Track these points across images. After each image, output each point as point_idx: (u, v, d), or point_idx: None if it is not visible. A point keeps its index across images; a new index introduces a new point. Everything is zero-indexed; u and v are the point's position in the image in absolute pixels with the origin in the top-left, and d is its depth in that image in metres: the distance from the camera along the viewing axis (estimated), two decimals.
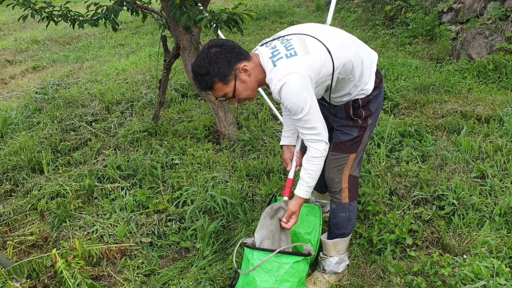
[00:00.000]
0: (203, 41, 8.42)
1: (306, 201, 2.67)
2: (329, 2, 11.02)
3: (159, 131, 4.46)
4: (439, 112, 4.44)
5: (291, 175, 2.43)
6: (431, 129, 4.12)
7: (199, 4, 3.61)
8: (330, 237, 2.51)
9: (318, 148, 2.12)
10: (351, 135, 2.31)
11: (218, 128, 4.33)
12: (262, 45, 2.18)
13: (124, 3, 3.94)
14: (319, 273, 2.52)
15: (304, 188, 2.21)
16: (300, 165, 2.42)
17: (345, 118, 2.30)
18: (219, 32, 4.17)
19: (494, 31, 6.05)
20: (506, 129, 3.82)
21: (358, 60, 2.17)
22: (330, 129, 2.39)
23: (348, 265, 2.54)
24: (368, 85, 2.25)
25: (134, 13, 4.08)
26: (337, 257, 2.47)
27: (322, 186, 2.83)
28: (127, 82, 6.25)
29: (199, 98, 5.55)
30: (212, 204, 3.15)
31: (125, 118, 5.02)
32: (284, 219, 2.26)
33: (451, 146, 3.73)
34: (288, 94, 1.99)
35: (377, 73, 2.30)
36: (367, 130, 2.35)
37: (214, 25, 3.25)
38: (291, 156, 2.47)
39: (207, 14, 3.41)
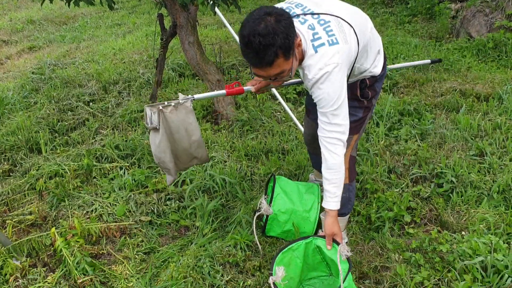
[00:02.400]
0: (199, 19, 8.30)
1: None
2: None
3: None
4: (438, 90, 4.42)
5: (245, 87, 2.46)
6: (430, 108, 4.10)
7: None
8: None
9: (337, 152, 1.99)
10: (356, 116, 2.28)
11: (216, 108, 4.31)
12: (293, 16, 1.93)
13: None
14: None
15: (332, 199, 2.08)
16: (257, 90, 2.41)
17: (351, 99, 2.22)
18: (216, 9, 4.12)
19: (494, 9, 5.99)
20: (505, 107, 3.81)
21: (372, 44, 2.13)
22: None
23: (347, 242, 2.55)
24: (377, 68, 2.22)
25: None
26: None
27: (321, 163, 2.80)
28: (124, 62, 6.19)
29: (197, 78, 5.51)
30: (211, 184, 3.15)
31: (123, 98, 4.98)
32: (328, 246, 2.15)
33: (450, 124, 3.72)
34: (327, 85, 1.87)
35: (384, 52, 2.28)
36: (371, 110, 2.34)
37: (212, 2, 3.21)
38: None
39: None
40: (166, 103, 2.27)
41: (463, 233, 2.55)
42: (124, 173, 3.41)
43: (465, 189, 2.90)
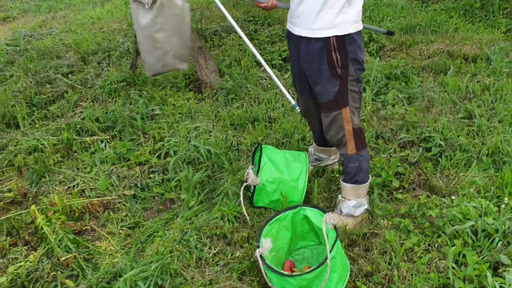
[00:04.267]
0: None
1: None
2: None
3: (137, 81, 4.30)
4: (425, 53, 4.34)
5: None
6: (417, 71, 4.03)
7: None
8: (347, 181, 2.41)
9: None
10: (332, 91, 2.20)
11: (199, 76, 4.19)
12: None
13: None
14: (336, 215, 2.43)
15: None
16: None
17: (320, 69, 2.17)
18: None
19: None
20: (493, 68, 3.75)
21: None
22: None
23: (367, 209, 2.48)
24: (346, 15, 2.10)
25: None
26: (354, 201, 2.40)
27: (321, 137, 2.70)
28: (103, 32, 5.99)
29: None
30: (196, 155, 3.07)
31: (102, 69, 4.82)
32: None
33: (438, 87, 3.66)
34: None
35: None
36: (348, 81, 2.21)
37: None
38: None
39: None
40: None
41: (452, 197, 2.51)
42: (105, 146, 3.31)
43: (454, 153, 2.86)
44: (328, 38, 2.11)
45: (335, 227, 1.99)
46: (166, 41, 2.17)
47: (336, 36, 2.11)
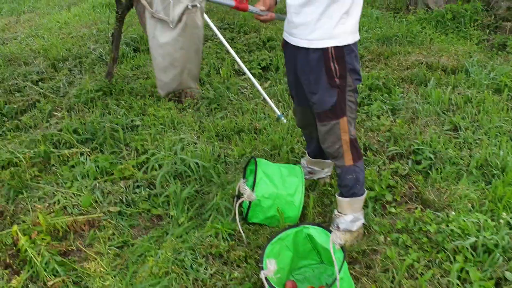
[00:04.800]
0: None
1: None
2: None
3: (114, 90, 4.15)
4: (404, 64, 4.39)
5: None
6: (397, 81, 4.06)
7: None
8: (344, 195, 2.38)
9: None
10: (331, 101, 2.15)
11: None
12: None
13: None
14: (333, 231, 2.39)
15: None
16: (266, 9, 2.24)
17: (319, 78, 2.13)
18: None
19: None
20: (473, 79, 3.83)
21: None
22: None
23: (364, 223, 2.44)
24: (344, 26, 2.07)
25: None
26: (351, 215, 2.36)
27: (316, 149, 2.66)
28: (72, 37, 5.78)
29: None
30: (183, 168, 2.97)
31: (74, 76, 4.64)
32: None
33: (420, 98, 3.70)
34: None
35: None
36: (346, 92, 2.19)
37: None
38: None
39: None
40: None
41: (446, 211, 2.52)
42: (85, 159, 3.16)
43: (444, 166, 2.88)
44: (327, 48, 2.07)
45: (342, 248, 1.94)
46: (185, 60, 2.08)
47: (335, 47, 2.07)
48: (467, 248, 2.18)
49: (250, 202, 2.46)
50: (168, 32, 1.98)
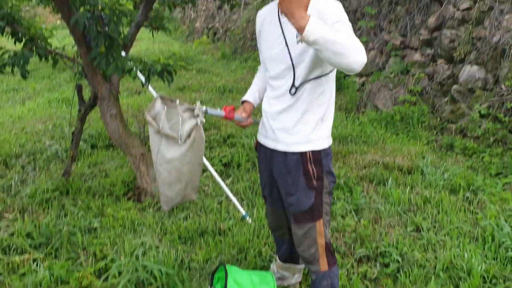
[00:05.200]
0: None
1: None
2: (235, 51, 11.26)
3: (71, 189, 3.99)
4: (361, 163, 4.53)
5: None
6: (357, 180, 4.16)
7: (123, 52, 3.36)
8: None
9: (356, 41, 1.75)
10: (309, 201, 2.16)
11: (139, 184, 3.99)
12: None
13: (35, 48, 3.55)
14: None
15: (319, 26, 1.69)
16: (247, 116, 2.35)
17: (296, 180, 2.14)
18: (150, 87, 3.87)
19: (397, 84, 6.47)
20: (429, 180, 3.98)
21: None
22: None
23: None
24: (320, 131, 2.14)
25: (44, 59, 3.69)
26: None
27: (287, 253, 2.61)
28: (26, 132, 5.63)
29: (111, 148, 5.15)
30: (145, 275, 2.80)
31: (27, 174, 4.44)
32: None
33: (381, 198, 3.78)
34: (339, 6, 1.91)
35: None
36: (323, 194, 2.21)
37: (146, 75, 3.01)
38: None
39: (132, 63, 3.17)
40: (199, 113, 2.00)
41: None
42: (38, 266, 2.93)
43: (411, 268, 2.88)
44: (305, 152, 2.12)
45: None
46: (191, 174, 2.07)
47: (312, 150, 2.12)
48: None
49: None
50: (175, 147, 2.00)
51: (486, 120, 4.90)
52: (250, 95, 2.43)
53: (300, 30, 1.69)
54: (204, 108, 2.10)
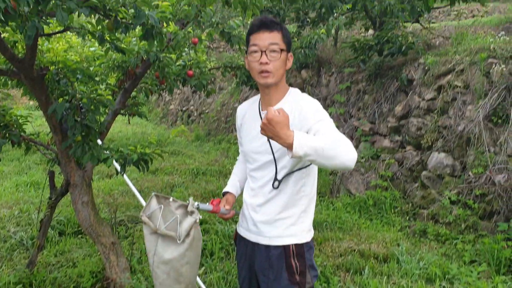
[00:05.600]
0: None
1: None
2: (209, 133, 11.42)
3: (34, 281, 3.78)
4: (337, 250, 4.48)
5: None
6: (333, 269, 4.09)
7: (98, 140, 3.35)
8: None
9: (347, 142, 1.79)
10: None
11: (108, 274, 3.81)
12: None
13: (8, 135, 3.52)
14: None
15: (304, 138, 1.73)
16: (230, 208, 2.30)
17: (279, 276, 2.08)
18: (125, 176, 3.83)
19: (368, 169, 6.61)
20: (405, 269, 3.95)
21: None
22: None
23: None
24: (303, 223, 2.13)
25: (17, 145, 3.64)
26: None
27: None
28: None
29: (80, 235, 4.97)
30: None
31: None
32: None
33: None
34: (317, 104, 2.02)
35: None
36: None
37: (122, 164, 2.99)
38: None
39: (108, 152, 3.16)
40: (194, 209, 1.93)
41: None
42: None
43: None
44: (288, 245, 2.09)
45: None
46: (189, 274, 1.99)
47: (295, 244, 2.10)
48: None
49: None
50: (173, 247, 1.94)
51: (456, 206, 5.00)
52: (232, 186, 2.43)
53: (289, 147, 1.74)
54: (196, 204, 2.08)
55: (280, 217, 2.11)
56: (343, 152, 1.75)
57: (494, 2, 12.68)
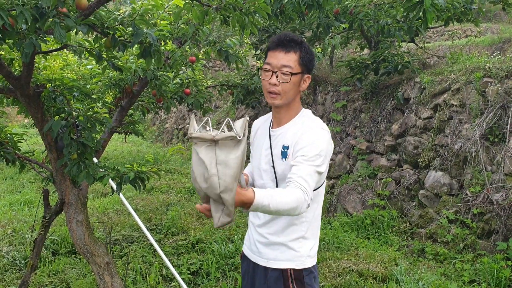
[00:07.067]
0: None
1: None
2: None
3: None
4: (335, 270, 4.43)
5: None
6: None
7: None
8: None
9: (295, 191, 1.79)
10: None
11: None
12: None
13: (2, 153, 3.48)
14: None
15: (266, 195, 1.71)
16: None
17: None
18: (120, 194, 3.78)
19: (365, 188, 6.58)
20: None
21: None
22: None
23: None
24: (305, 245, 2.09)
25: (11, 164, 3.60)
26: None
27: None
28: None
29: (74, 255, 4.90)
30: None
31: None
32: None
33: None
34: (318, 136, 1.97)
35: None
36: None
37: (118, 183, 2.95)
38: None
39: (104, 170, 3.12)
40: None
41: None
42: None
43: None
44: (286, 269, 2.06)
45: None
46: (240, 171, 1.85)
47: (294, 269, 2.06)
48: None
49: None
50: (233, 148, 1.76)
51: (454, 225, 4.97)
52: (246, 169, 2.34)
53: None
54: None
55: (277, 241, 2.07)
56: (292, 211, 1.77)
57: (487, 22, 12.86)
